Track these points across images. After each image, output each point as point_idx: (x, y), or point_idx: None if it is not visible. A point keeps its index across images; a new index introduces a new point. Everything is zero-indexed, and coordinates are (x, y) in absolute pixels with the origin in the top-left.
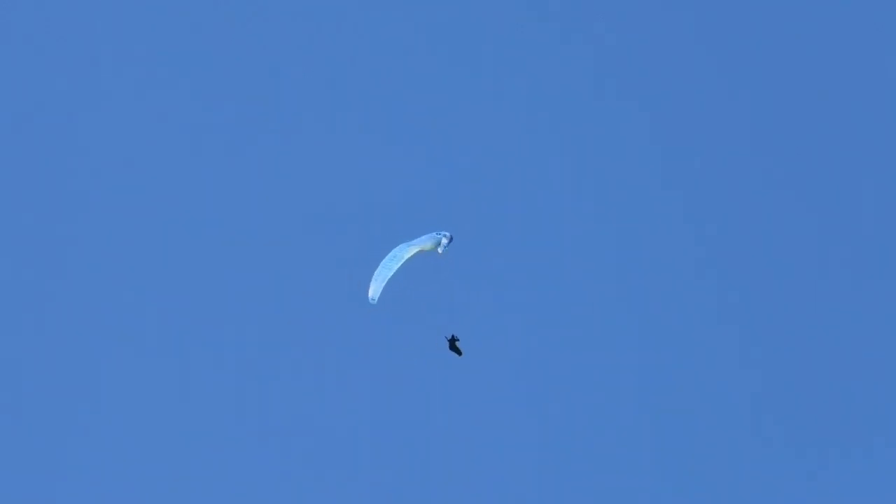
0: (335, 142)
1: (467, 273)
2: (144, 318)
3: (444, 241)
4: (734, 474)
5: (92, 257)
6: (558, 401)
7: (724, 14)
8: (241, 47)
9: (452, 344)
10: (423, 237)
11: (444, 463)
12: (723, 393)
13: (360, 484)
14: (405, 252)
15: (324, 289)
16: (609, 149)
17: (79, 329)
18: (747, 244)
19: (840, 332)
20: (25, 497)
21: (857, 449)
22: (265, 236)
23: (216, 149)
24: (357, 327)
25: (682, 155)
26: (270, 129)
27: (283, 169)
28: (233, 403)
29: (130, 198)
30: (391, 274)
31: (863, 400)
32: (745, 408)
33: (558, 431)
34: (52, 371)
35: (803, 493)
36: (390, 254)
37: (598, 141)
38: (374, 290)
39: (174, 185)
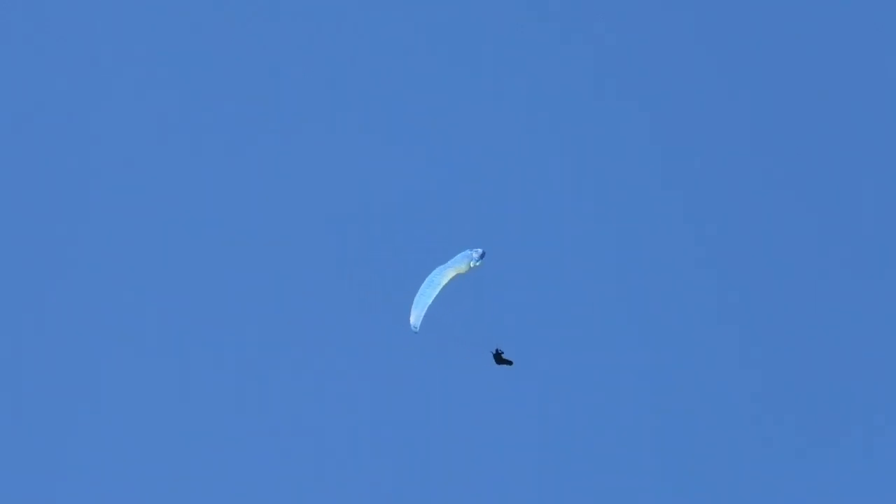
0: (334, 143)
1: (471, 274)
2: (145, 319)
3: (475, 255)
4: (735, 474)
5: (92, 257)
6: (559, 401)
7: (725, 14)
8: (243, 48)
9: (499, 357)
10: (457, 257)
11: (450, 464)
12: (724, 392)
13: (366, 486)
14: (442, 277)
15: (325, 290)
16: (609, 149)
17: (78, 329)
18: (747, 244)
19: (841, 331)
20: (25, 497)
21: (857, 448)
22: (267, 238)
23: (219, 149)
24: (359, 329)
25: (683, 155)
26: (271, 129)
27: (284, 170)
28: (235, 406)
29: (131, 198)
30: (430, 301)
31: (864, 399)
32: (747, 407)
33: (560, 431)
34: (51, 371)
35: (804, 493)
36: (427, 279)
37: (597, 141)
38: (416, 317)
39: (175, 185)
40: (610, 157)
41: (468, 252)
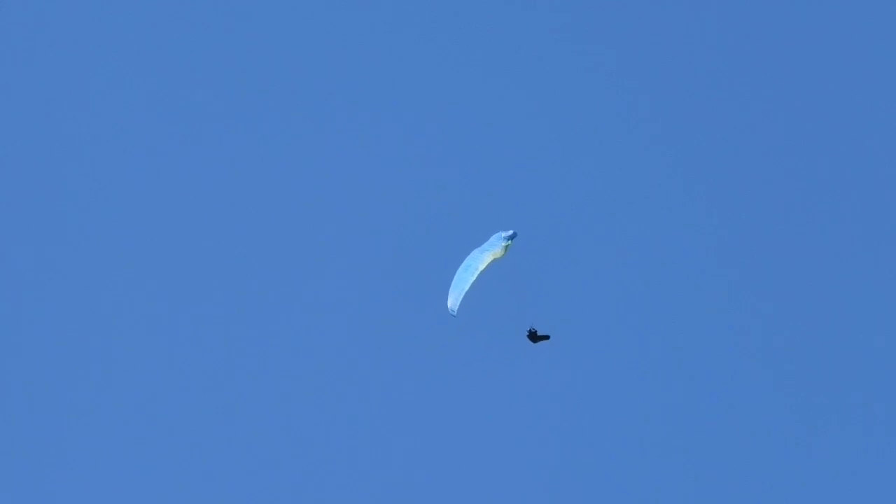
0: (332, 141)
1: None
2: (145, 319)
3: (505, 234)
4: (743, 474)
5: (91, 258)
6: (562, 400)
7: (730, 14)
8: (250, 48)
9: (535, 336)
10: (492, 239)
11: (461, 465)
12: (732, 392)
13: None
14: (479, 262)
15: (327, 289)
16: (613, 149)
17: (77, 329)
18: (753, 243)
19: (851, 330)
20: (25, 497)
21: (859, 447)
22: (282, 233)
23: (222, 149)
24: (362, 328)
25: (700, 151)
26: (271, 128)
27: (299, 166)
28: (237, 407)
29: (133, 200)
30: (468, 287)
31: (865, 398)
32: (753, 407)
33: (567, 431)
34: (47, 370)
35: (804, 492)
36: (464, 263)
37: (604, 141)
38: (453, 301)
39: (177, 186)
40: (616, 158)
41: (499, 234)
